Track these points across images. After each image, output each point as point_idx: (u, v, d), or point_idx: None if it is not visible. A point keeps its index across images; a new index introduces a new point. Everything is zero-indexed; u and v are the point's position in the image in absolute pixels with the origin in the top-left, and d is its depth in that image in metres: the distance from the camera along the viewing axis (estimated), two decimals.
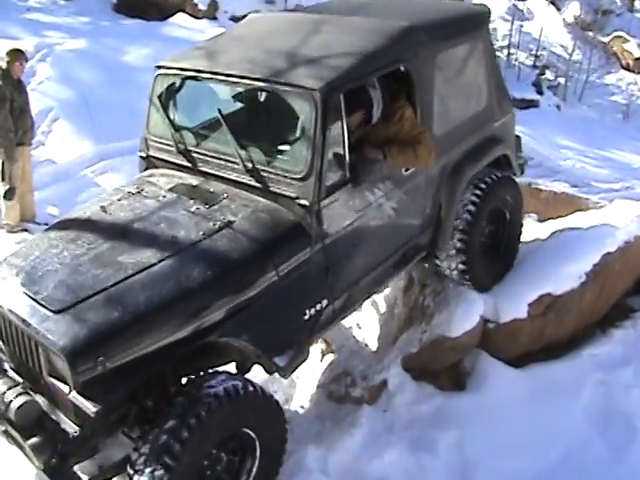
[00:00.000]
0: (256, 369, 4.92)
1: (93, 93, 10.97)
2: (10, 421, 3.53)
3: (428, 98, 4.72)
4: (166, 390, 3.76)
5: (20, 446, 3.56)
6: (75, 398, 3.33)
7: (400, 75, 4.69)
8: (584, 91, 18.82)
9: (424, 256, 5.11)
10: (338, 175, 4.10)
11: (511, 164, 5.70)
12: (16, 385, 3.67)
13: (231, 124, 4.27)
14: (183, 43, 11.92)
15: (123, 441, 3.76)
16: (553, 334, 5.39)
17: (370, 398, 4.91)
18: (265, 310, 3.89)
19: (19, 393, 3.57)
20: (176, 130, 4.61)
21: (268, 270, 3.89)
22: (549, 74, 19.48)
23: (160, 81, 4.72)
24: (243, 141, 4.23)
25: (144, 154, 4.85)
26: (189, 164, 4.54)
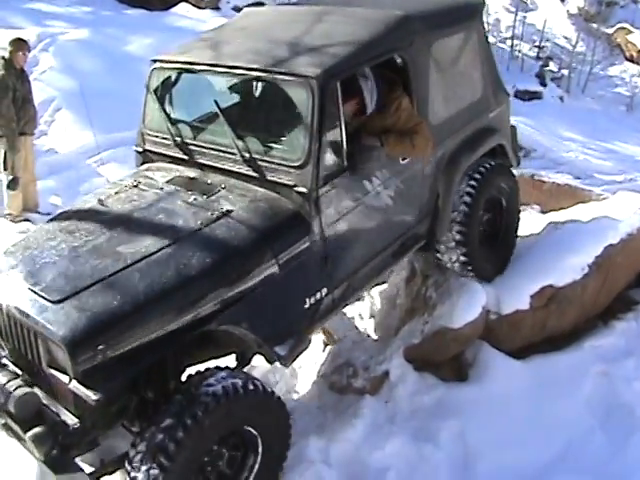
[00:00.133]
0: (258, 362, 4.97)
1: (96, 83, 10.95)
2: (10, 413, 3.52)
3: (424, 87, 4.75)
4: (166, 382, 3.76)
5: (20, 439, 3.55)
6: (75, 387, 3.32)
7: (396, 66, 4.75)
8: (587, 83, 18.73)
9: (423, 246, 5.13)
10: (336, 163, 4.12)
11: (507, 154, 5.75)
12: (15, 378, 3.66)
13: (228, 115, 4.29)
14: (186, 33, 11.92)
15: (125, 436, 3.75)
16: (555, 326, 5.40)
17: (372, 389, 4.92)
18: (265, 298, 3.89)
19: (19, 385, 3.55)
20: (173, 123, 4.61)
21: (267, 258, 3.89)
22: (553, 66, 19.36)
23: (156, 75, 4.74)
24: (240, 132, 4.24)
25: (140, 148, 4.86)
26: (186, 157, 4.55)
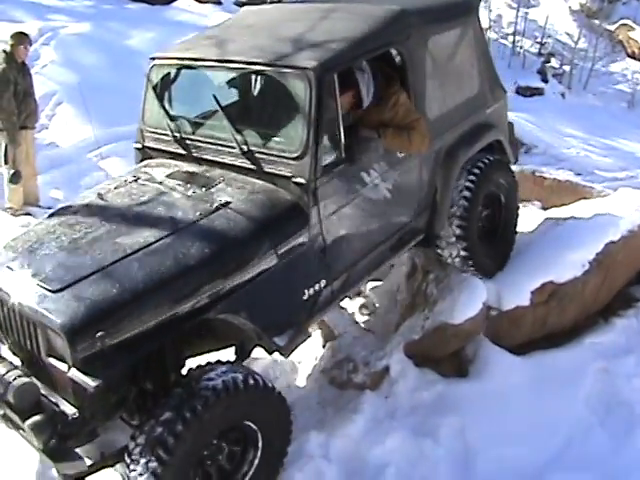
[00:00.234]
0: (258, 357, 4.97)
1: (97, 77, 10.95)
2: (9, 404, 3.54)
3: (420, 81, 4.77)
4: (166, 374, 3.78)
5: (19, 428, 3.57)
6: (74, 375, 3.34)
7: (394, 61, 4.79)
8: (589, 79, 18.71)
9: (423, 241, 5.15)
10: (333, 154, 4.15)
11: (505, 150, 5.76)
12: (14, 368, 3.68)
13: (227, 109, 4.33)
14: (187, 27, 11.91)
15: (125, 430, 3.76)
16: (556, 322, 5.40)
17: (372, 384, 4.92)
18: (264, 288, 3.91)
19: (17, 376, 3.57)
20: (172, 119, 4.64)
21: (266, 248, 3.91)
22: (554, 62, 19.34)
23: (155, 72, 4.77)
24: (239, 125, 4.28)
25: (140, 145, 4.89)
26: (185, 152, 4.57)
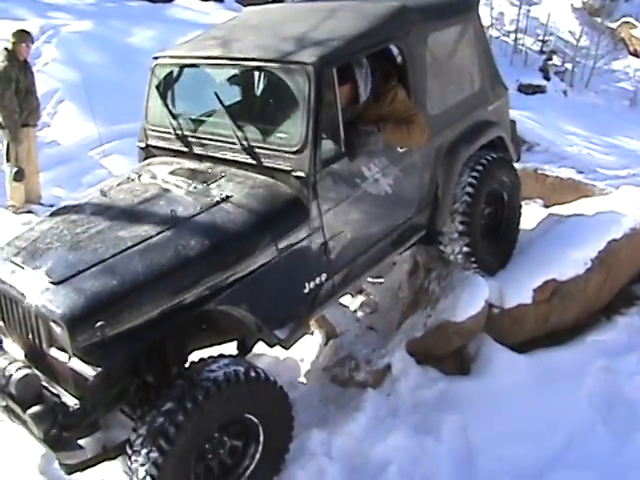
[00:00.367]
0: (260, 355, 4.97)
1: (98, 75, 10.95)
2: (11, 395, 3.57)
3: (421, 77, 4.78)
4: (167, 367, 3.80)
5: (21, 419, 3.59)
6: (74, 365, 3.37)
7: (392, 57, 4.83)
8: (591, 77, 18.72)
9: (425, 238, 5.15)
10: (333, 148, 4.17)
11: (507, 148, 5.76)
12: (16, 360, 3.72)
13: (228, 106, 4.38)
14: (189, 25, 11.90)
15: (127, 423, 3.79)
16: (558, 320, 5.40)
17: (374, 382, 4.92)
18: (264, 281, 3.92)
19: (19, 367, 3.60)
20: (174, 117, 4.68)
21: (266, 241, 3.93)
22: (556, 60, 19.36)
23: (157, 71, 4.82)
24: (240, 122, 4.32)
25: (143, 144, 4.92)
26: (188, 149, 4.61)
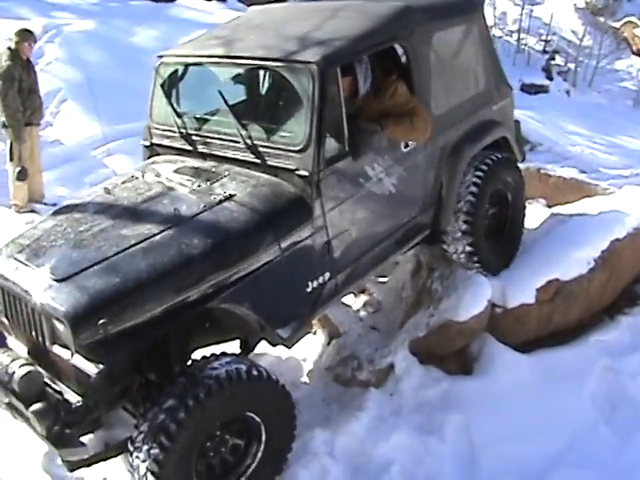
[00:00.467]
0: (262, 355, 4.97)
1: (101, 74, 10.96)
2: (14, 392, 3.56)
3: (425, 77, 4.78)
4: (170, 365, 3.81)
5: (23, 416, 3.59)
6: (77, 362, 3.38)
7: (394, 53, 4.86)
8: (594, 77, 18.69)
9: (429, 238, 5.15)
10: (337, 147, 4.16)
11: (512, 148, 5.75)
12: (19, 357, 3.73)
13: (232, 105, 4.38)
14: (192, 25, 11.90)
15: (129, 421, 3.80)
16: (561, 320, 5.39)
17: (377, 381, 4.92)
18: (267, 279, 3.92)
19: (22, 364, 3.61)
20: (179, 116, 4.69)
21: (269, 240, 3.93)
22: (559, 59, 19.32)
23: (162, 70, 4.82)
24: (244, 120, 4.32)
25: (148, 142, 4.93)
26: (192, 147, 4.61)
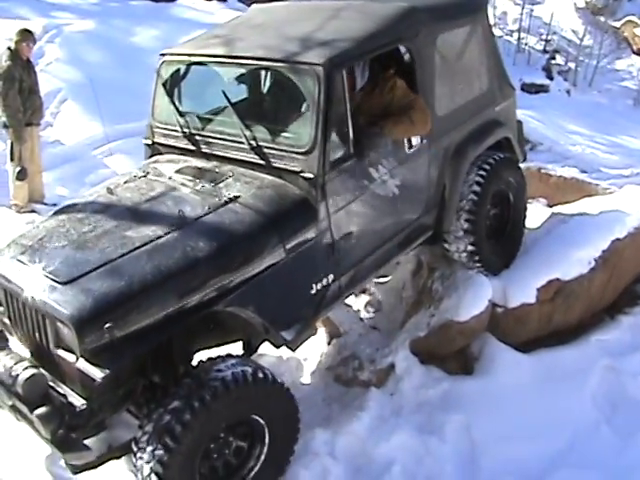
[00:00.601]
0: (263, 354, 4.96)
1: (101, 74, 10.94)
2: (17, 395, 3.56)
3: (429, 78, 4.79)
4: (174, 367, 3.79)
5: (27, 419, 3.58)
6: (82, 366, 3.36)
7: (402, 61, 4.85)
8: (594, 76, 18.69)
9: (431, 237, 5.14)
10: (342, 149, 4.16)
11: (514, 148, 5.76)
12: (23, 360, 3.71)
13: (236, 105, 4.36)
14: (192, 25, 11.90)
15: (131, 421, 3.79)
16: (561, 319, 5.39)
17: (378, 381, 4.92)
18: (272, 282, 3.92)
19: (26, 367, 3.60)
20: (181, 115, 4.67)
21: (274, 242, 3.92)
22: (559, 59, 19.31)
23: (165, 68, 4.80)
24: (248, 121, 4.30)
25: (150, 141, 4.92)
26: (194, 147, 4.60)
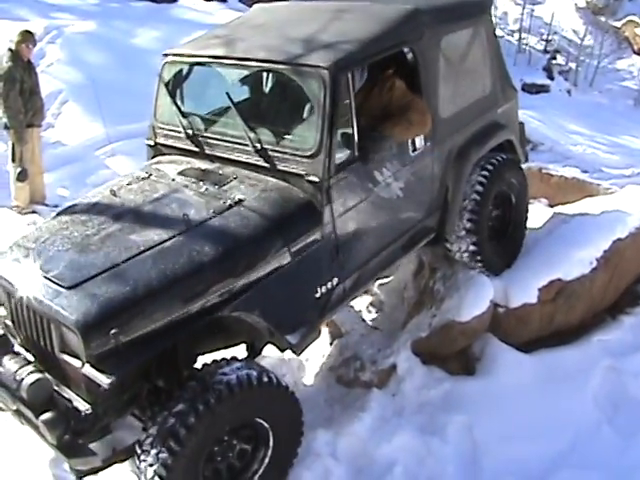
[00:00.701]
0: (265, 355, 4.96)
1: (102, 76, 10.95)
2: (22, 399, 3.54)
3: (433, 80, 4.79)
4: (178, 371, 3.78)
5: (32, 424, 3.57)
6: (88, 372, 3.35)
7: (405, 63, 4.81)
8: (595, 76, 18.70)
9: (433, 238, 5.14)
10: (347, 153, 4.16)
11: (516, 150, 5.76)
12: (27, 364, 3.69)
13: (240, 107, 4.34)
14: (193, 26, 11.90)
15: (134, 424, 3.78)
16: (563, 320, 5.39)
17: (379, 382, 4.92)
18: (276, 286, 3.91)
19: (31, 371, 3.58)
20: (184, 116, 4.65)
21: (279, 246, 3.92)
22: (560, 59, 19.34)
23: (167, 69, 4.79)
24: (252, 123, 4.28)
25: (152, 142, 4.90)
26: (198, 149, 4.58)
